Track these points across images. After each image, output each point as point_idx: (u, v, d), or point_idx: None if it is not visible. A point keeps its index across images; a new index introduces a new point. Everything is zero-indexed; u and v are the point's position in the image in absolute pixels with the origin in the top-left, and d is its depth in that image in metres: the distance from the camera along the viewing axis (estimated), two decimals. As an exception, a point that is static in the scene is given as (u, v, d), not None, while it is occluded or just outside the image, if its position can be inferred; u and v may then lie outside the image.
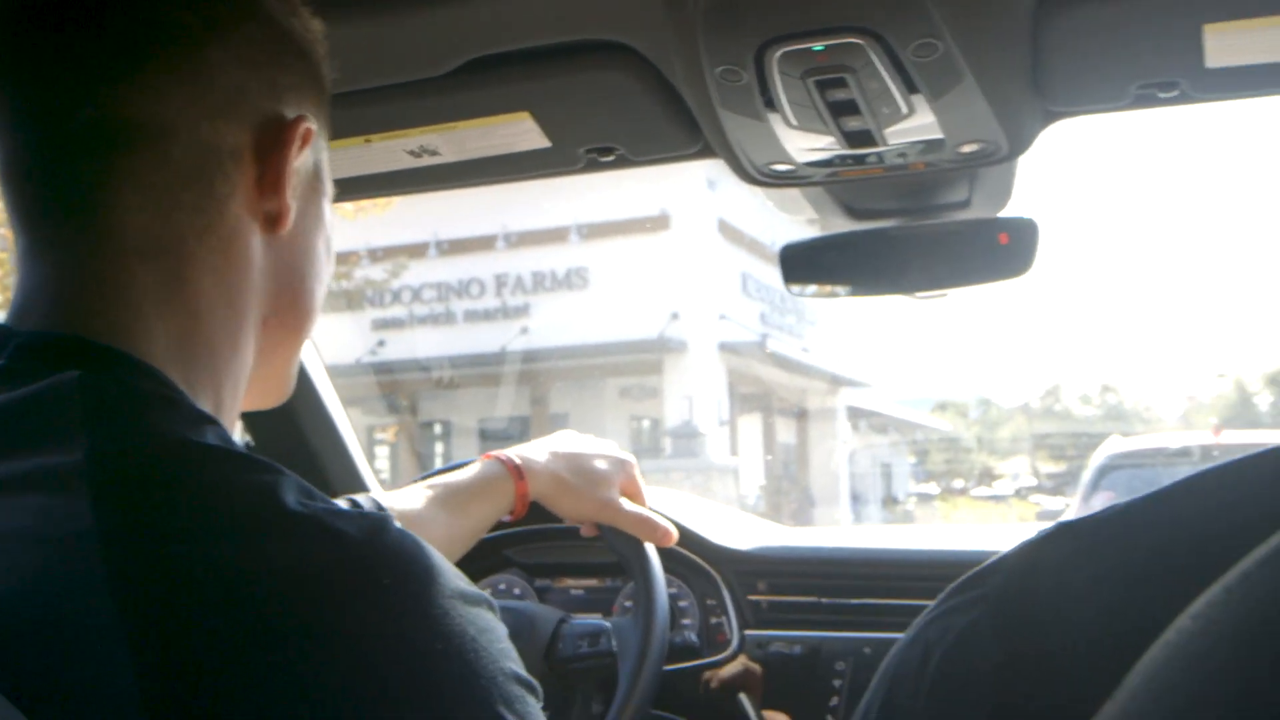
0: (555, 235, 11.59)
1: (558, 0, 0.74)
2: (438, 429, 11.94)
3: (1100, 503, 5.16)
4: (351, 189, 0.96)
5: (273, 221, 0.53)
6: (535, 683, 0.48)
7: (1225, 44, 0.71)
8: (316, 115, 0.56)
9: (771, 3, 0.66)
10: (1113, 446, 5.94)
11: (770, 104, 0.74)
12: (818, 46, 0.67)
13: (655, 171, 0.97)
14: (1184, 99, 0.78)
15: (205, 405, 0.50)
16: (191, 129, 0.49)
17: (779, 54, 0.68)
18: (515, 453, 0.95)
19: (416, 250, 11.63)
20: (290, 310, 0.56)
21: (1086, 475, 5.81)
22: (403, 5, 0.74)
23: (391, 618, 0.43)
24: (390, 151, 0.89)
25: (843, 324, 16.43)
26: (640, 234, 11.38)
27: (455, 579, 0.47)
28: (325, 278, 0.60)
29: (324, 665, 0.41)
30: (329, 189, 0.60)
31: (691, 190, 11.25)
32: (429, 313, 11.95)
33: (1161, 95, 0.77)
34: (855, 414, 17.80)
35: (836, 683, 1.02)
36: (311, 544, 0.44)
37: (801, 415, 15.70)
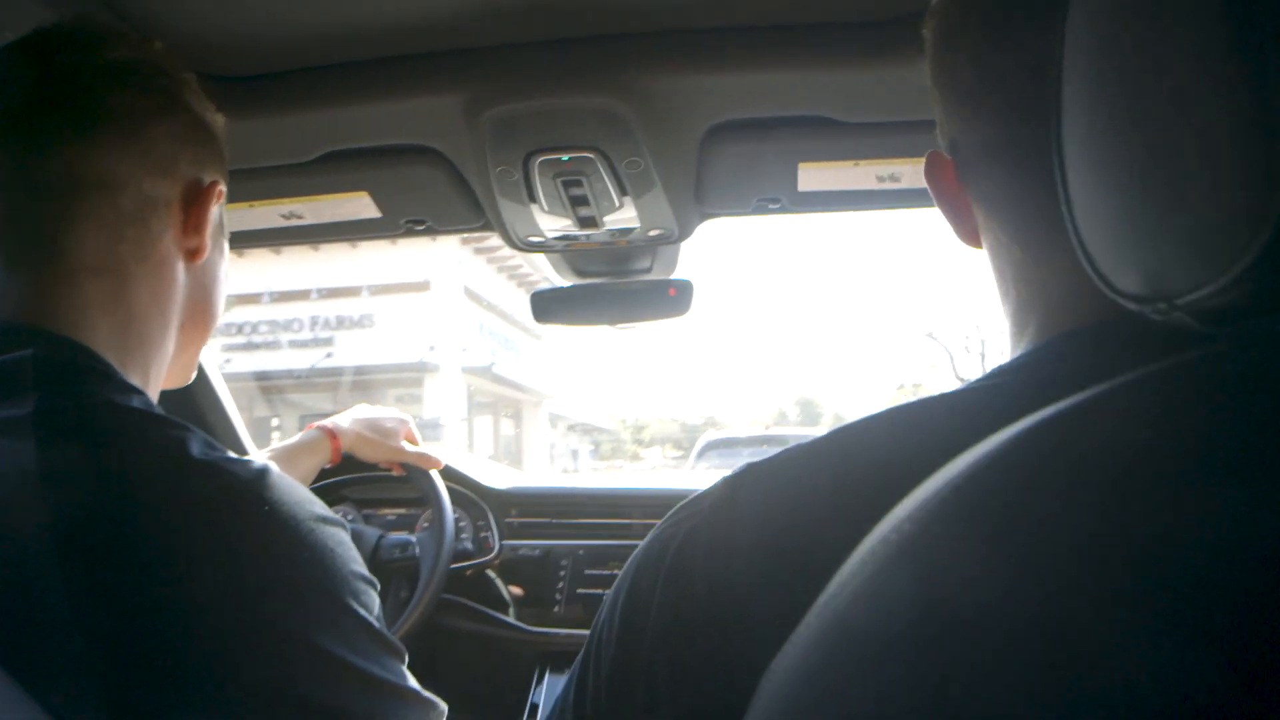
0: (352, 291, 13.06)
1: (389, 115, 0.80)
2: (274, 422, 12.66)
3: (701, 469, 5.75)
4: (241, 240, 0.98)
5: (192, 254, 0.56)
6: (375, 580, 0.52)
7: (811, 176, 0.86)
8: (224, 181, 0.59)
9: (536, 126, 0.76)
10: (706, 437, 7.12)
11: (531, 195, 0.84)
12: (565, 157, 0.78)
13: (423, 250, 1.35)
14: (784, 210, 0.93)
15: (135, 382, 0.51)
16: (137, 184, 0.52)
17: (539, 160, 0.79)
18: (329, 420, 1.02)
19: (254, 298, 12.79)
20: (200, 318, 0.58)
21: (692, 456, 6.89)
22: (281, 112, 0.78)
23: (270, 534, 0.46)
24: (268, 214, 0.94)
25: (548, 358, 18.34)
26: (411, 292, 12.99)
27: (317, 506, 0.50)
28: (224, 296, 0.61)
29: (221, 572, 0.43)
30: (227, 233, 0.63)
31: (447, 264, 13.20)
32: (263, 340, 13.28)
33: (771, 207, 0.92)
34: (555, 418, 20.44)
35: (562, 573, 1.15)
36: (212, 482, 0.46)
37: (517, 416, 18.07)
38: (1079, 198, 0.28)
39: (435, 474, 1.09)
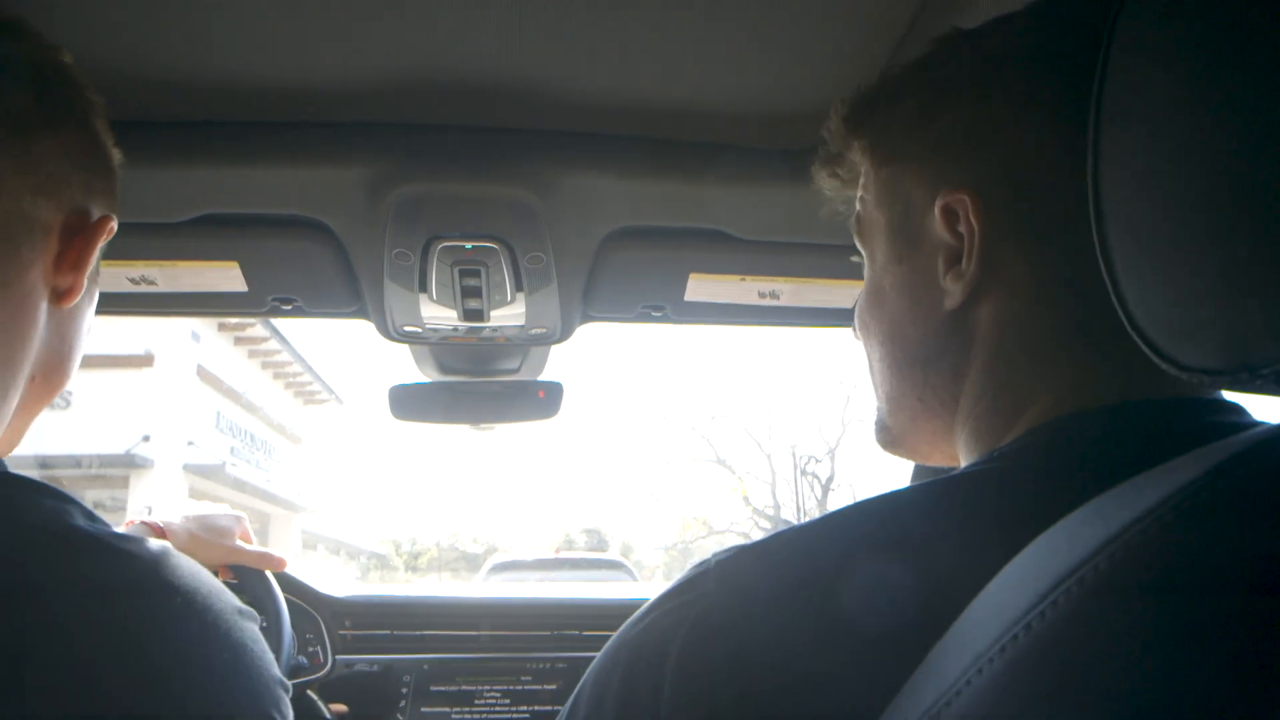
0: (45, 360, 11.13)
1: (282, 182, 0.77)
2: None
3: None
4: None
5: (60, 296, 0.50)
6: (288, 684, 0.48)
7: (699, 287, 0.91)
8: (114, 221, 0.53)
9: (444, 211, 0.77)
10: (494, 560, 7.22)
11: (423, 283, 0.84)
12: (468, 244, 0.80)
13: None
14: (665, 319, 0.98)
15: None
16: (15, 198, 0.46)
17: (441, 246, 0.80)
18: (155, 518, 0.94)
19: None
20: (55, 373, 0.52)
21: (478, 579, 7.10)
22: (159, 165, 0.74)
23: (186, 632, 0.41)
24: (113, 277, 0.86)
25: (307, 464, 16.61)
26: (126, 368, 11.13)
27: (232, 598, 0.46)
28: (81, 354, 0.55)
29: (121, 674, 0.38)
30: (99, 283, 0.56)
31: (176, 338, 11.54)
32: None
33: (654, 314, 0.97)
34: (313, 537, 17.56)
35: (404, 690, 1.10)
36: (103, 561, 0.41)
37: (263, 532, 15.62)
38: (1123, 261, 0.28)
39: (272, 579, 1.02)
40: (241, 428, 13.83)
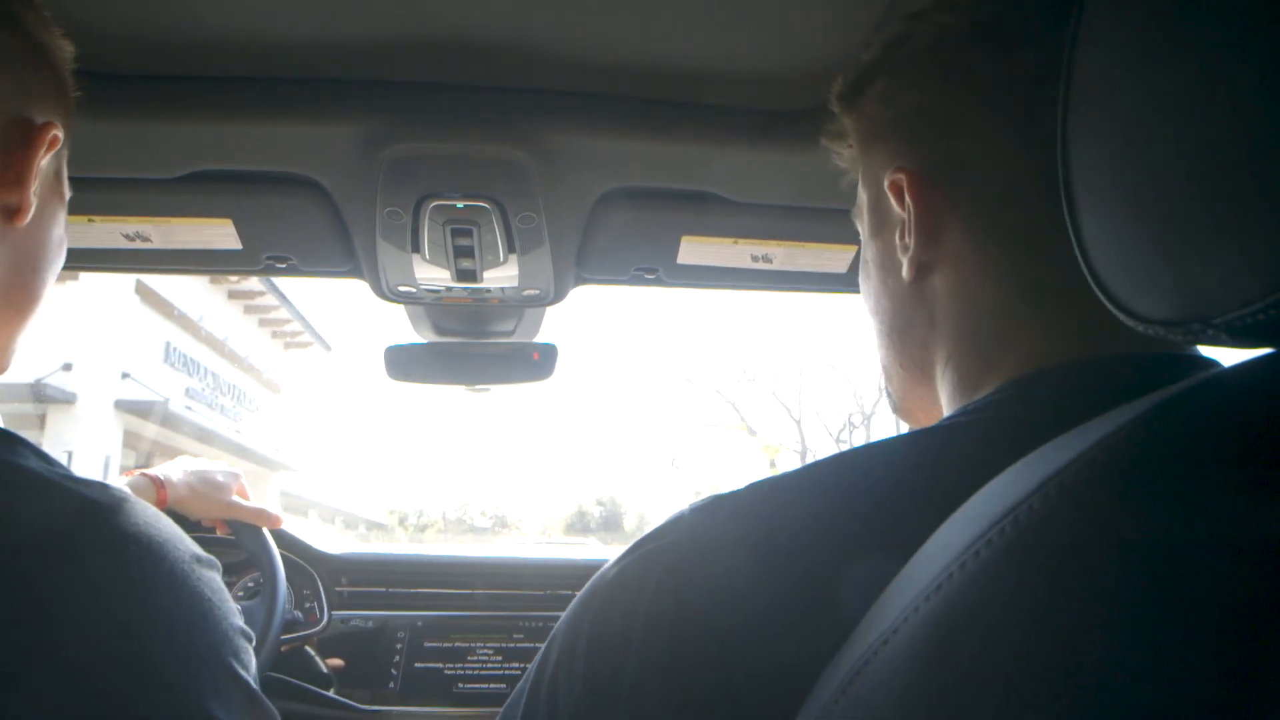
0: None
1: (274, 139, 0.81)
2: None
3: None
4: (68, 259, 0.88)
5: (11, 214, 0.49)
6: (251, 633, 0.49)
7: (691, 250, 0.96)
8: (64, 125, 0.52)
9: (436, 169, 0.81)
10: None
11: (416, 242, 0.88)
12: (460, 204, 0.83)
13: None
14: (658, 282, 1.03)
15: None
16: None
17: (433, 205, 0.83)
18: (155, 470, 1.01)
19: None
20: (19, 295, 0.51)
21: None
22: (152, 119, 0.77)
23: (138, 580, 0.43)
24: (108, 232, 0.91)
25: (290, 418, 14.71)
26: None
27: (190, 545, 0.47)
28: (55, 270, 0.55)
29: (72, 619, 0.40)
30: (67, 193, 0.56)
31: None
32: None
33: (647, 277, 1.02)
34: (299, 501, 15.50)
35: (398, 646, 1.18)
36: (59, 505, 0.42)
37: None
38: (1089, 218, 0.30)
39: (268, 535, 1.08)
40: (201, 365, 11.80)
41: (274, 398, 14.45)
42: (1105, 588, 0.24)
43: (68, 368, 9.20)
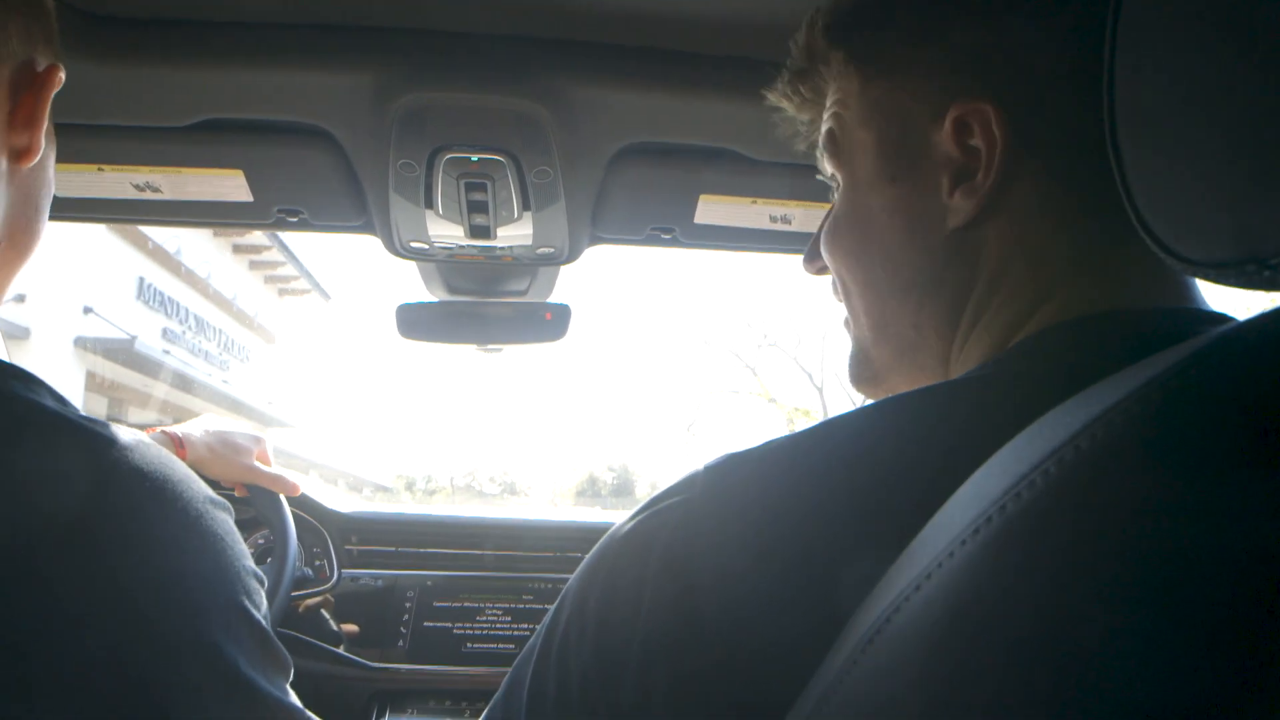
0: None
1: (284, 87, 0.81)
2: None
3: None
4: (74, 209, 0.95)
5: (19, 155, 0.51)
6: (263, 575, 0.52)
7: (709, 209, 0.96)
8: (62, 68, 0.53)
9: (449, 121, 0.81)
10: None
11: (429, 197, 0.88)
12: (475, 158, 0.83)
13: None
14: (674, 243, 1.03)
15: None
16: None
17: (446, 158, 0.83)
18: (176, 428, 1.02)
19: None
20: (23, 235, 0.53)
21: None
22: (160, 64, 0.77)
23: (155, 515, 0.45)
24: (118, 182, 0.91)
25: (285, 370, 13.91)
26: None
27: (203, 486, 0.49)
28: (49, 209, 0.56)
29: (92, 552, 0.43)
30: (53, 132, 0.56)
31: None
32: None
33: (663, 237, 1.02)
34: (303, 461, 14.79)
35: (407, 604, 1.21)
36: (73, 445, 0.45)
37: None
38: (1135, 159, 0.29)
39: (283, 500, 1.09)
40: (181, 305, 10.87)
41: (267, 348, 13.63)
42: (1121, 553, 0.24)
43: (20, 299, 8.47)
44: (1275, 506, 0.22)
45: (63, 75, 0.53)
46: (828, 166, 0.54)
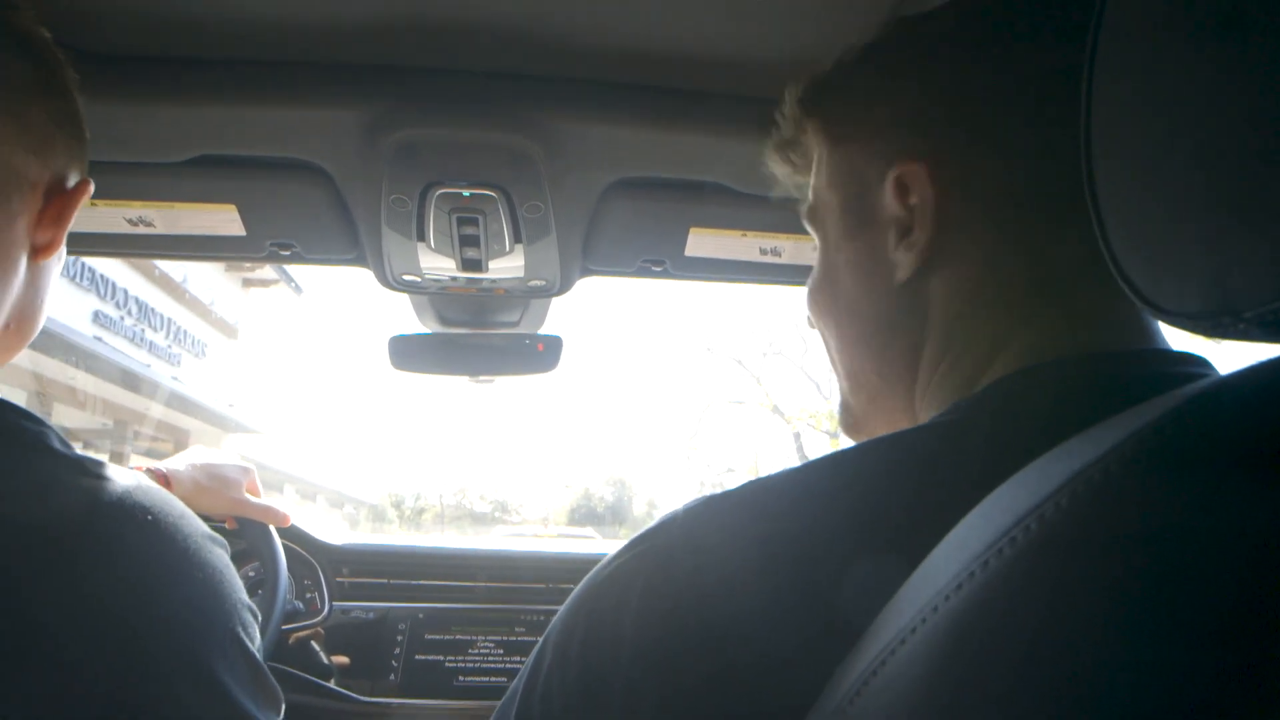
0: None
1: (278, 124, 0.83)
2: None
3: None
4: (68, 243, 0.85)
5: (39, 250, 0.57)
6: (256, 610, 0.55)
7: (699, 242, 0.98)
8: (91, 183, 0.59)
9: (442, 156, 0.83)
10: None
11: (421, 231, 0.90)
12: (466, 192, 0.86)
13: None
14: (665, 275, 1.05)
15: None
16: (9, 155, 0.54)
17: (438, 192, 0.86)
18: (162, 464, 1.03)
19: None
20: (27, 323, 0.60)
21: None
22: (155, 102, 0.80)
23: (158, 550, 0.49)
24: (112, 217, 0.94)
25: (245, 368, 12.68)
26: None
27: (201, 524, 0.53)
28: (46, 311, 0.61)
29: (91, 587, 0.46)
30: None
31: None
32: None
33: (654, 269, 1.04)
34: (278, 474, 14.21)
35: (399, 638, 1.22)
36: (84, 483, 0.49)
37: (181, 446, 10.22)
38: (1114, 211, 0.30)
39: (273, 532, 1.10)
40: (119, 286, 9.67)
41: (228, 343, 12.41)
42: (1129, 587, 0.25)
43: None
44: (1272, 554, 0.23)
45: (92, 188, 0.60)
46: (810, 229, 0.58)
